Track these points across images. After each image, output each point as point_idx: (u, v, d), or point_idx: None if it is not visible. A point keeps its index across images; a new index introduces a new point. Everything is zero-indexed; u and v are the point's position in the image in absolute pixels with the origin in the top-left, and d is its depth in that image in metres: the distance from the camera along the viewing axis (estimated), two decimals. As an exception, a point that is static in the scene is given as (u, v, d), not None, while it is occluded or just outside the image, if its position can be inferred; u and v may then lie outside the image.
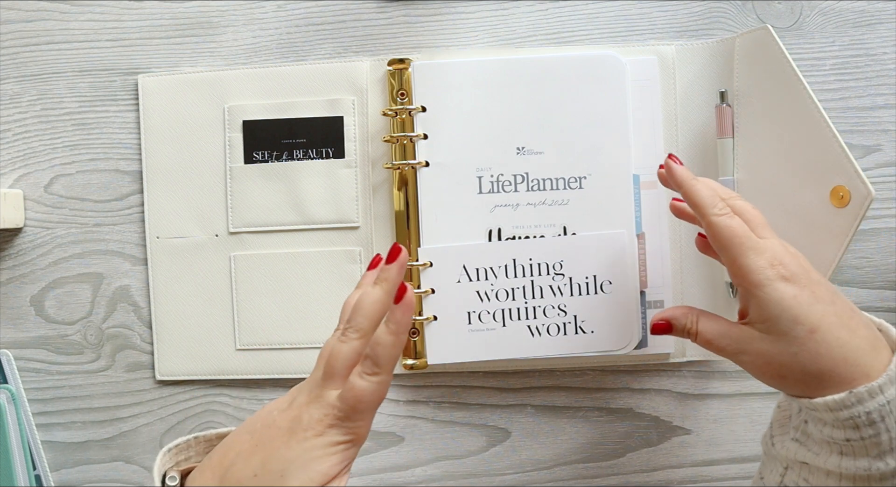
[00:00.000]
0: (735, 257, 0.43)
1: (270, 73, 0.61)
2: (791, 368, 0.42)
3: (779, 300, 0.42)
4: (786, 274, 0.42)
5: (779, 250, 0.43)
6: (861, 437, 0.40)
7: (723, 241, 0.44)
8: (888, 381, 0.40)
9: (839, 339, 0.41)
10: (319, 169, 0.61)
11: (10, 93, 0.63)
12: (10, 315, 0.63)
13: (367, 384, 0.40)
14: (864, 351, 0.41)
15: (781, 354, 0.42)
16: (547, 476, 0.62)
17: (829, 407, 0.40)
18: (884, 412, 0.40)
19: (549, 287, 0.58)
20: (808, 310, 0.41)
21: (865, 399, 0.40)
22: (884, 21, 0.60)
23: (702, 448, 0.62)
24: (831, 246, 0.50)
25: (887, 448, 0.40)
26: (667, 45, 0.60)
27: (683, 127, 0.60)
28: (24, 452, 0.59)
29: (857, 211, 0.48)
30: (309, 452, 0.40)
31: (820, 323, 0.41)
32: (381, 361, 0.41)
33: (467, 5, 0.62)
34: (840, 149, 0.49)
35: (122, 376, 0.62)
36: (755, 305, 0.43)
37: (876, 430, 0.40)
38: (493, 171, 0.58)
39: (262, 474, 0.40)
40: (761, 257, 0.43)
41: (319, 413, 0.41)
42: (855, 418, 0.40)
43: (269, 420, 0.42)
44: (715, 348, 0.45)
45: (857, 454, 0.41)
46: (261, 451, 0.41)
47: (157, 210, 0.62)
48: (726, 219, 0.44)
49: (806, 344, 0.41)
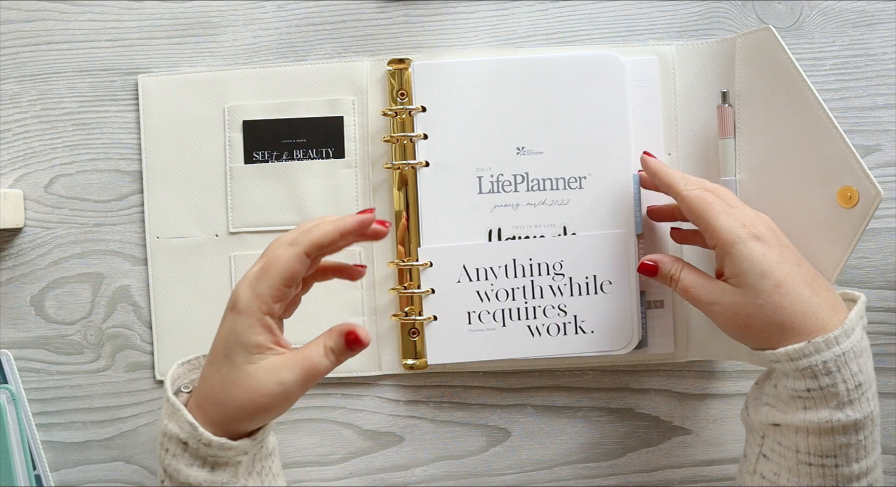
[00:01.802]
0: (709, 220, 0.48)
1: (270, 73, 0.61)
2: (756, 318, 0.46)
3: (749, 256, 0.46)
4: (756, 234, 0.47)
5: (749, 214, 0.48)
6: (819, 386, 0.44)
7: (697, 210, 0.49)
8: (843, 333, 0.44)
9: (801, 295, 0.45)
10: (319, 169, 0.61)
11: (10, 93, 0.63)
12: (10, 315, 0.63)
13: (280, 249, 0.44)
14: (824, 308, 0.45)
15: (749, 305, 0.46)
16: (547, 476, 0.62)
17: (790, 356, 0.44)
18: (839, 363, 0.44)
19: (549, 287, 0.58)
20: (775, 267, 0.46)
21: (822, 349, 0.44)
22: (884, 21, 0.60)
23: (702, 448, 0.62)
24: (838, 247, 0.50)
25: (845, 399, 0.44)
26: (667, 45, 0.60)
27: (683, 127, 0.60)
28: (24, 452, 0.59)
29: (866, 211, 0.48)
30: (234, 326, 0.44)
31: (785, 279, 0.46)
32: (308, 235, 0.44)
33: (467, 5, 0.62)
34: (847, 149, 0.49)
35: (122, 376, 0.62)
36: (729, 262, 0.47)
37: (833, 380, 0.44)
38: (493, 171, 0.58)
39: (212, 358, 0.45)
40: (733, 219, 0.47)
41: (237, 287, 0.44)
42: (813, 367, 0.44)
43: None
44: (691, 296, 0.50)
45: (818, 405, 0.44)
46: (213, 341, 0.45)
47: (157, 210, 0.62)
48: (698, 191, 0.49)
49: (771, 297, 0.45)
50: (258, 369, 0.43)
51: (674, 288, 0.51)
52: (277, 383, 0.43)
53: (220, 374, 0.44)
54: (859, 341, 0.45)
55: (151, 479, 0.62)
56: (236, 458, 0.44)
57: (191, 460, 0.43)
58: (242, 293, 0.44)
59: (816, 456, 0.45)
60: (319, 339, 0.45)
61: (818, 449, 0.45)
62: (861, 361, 0.44)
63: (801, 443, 0.45)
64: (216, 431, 0.43)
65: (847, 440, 0.44)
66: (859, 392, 0.44)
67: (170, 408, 0.44)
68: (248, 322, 0.43)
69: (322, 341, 0.45)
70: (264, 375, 0.43)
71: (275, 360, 0.44)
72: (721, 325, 0.49)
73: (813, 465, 0.45)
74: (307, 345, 0.45)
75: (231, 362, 0.43)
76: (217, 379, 0.44)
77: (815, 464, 0.45)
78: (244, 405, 0.43)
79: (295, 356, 0.44)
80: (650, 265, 0.52)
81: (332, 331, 0.45)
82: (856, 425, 0.44)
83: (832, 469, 0.44)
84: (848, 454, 0.44)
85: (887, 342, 0.61)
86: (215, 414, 0.44)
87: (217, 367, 0.44)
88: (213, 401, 0.44)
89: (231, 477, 0.44)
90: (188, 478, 0.43)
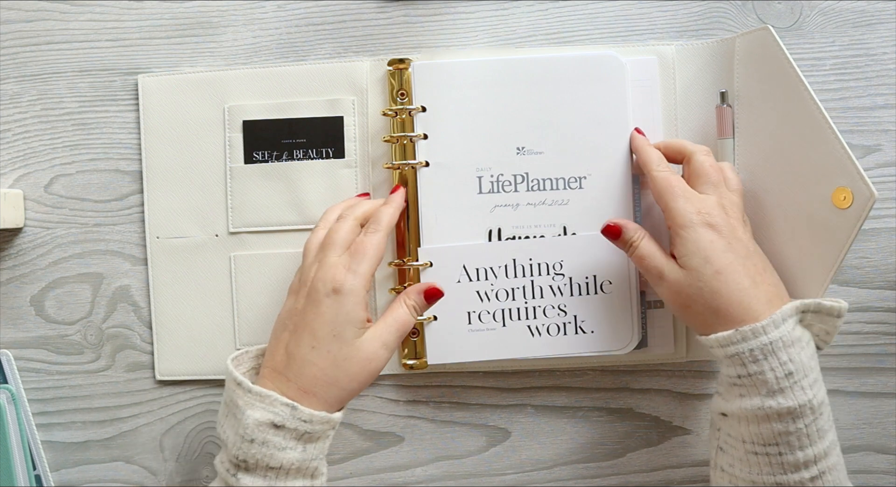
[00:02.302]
0: (668, 201, 0.51)
1: (270, 73, 0.61)
2: (695, 300, 0.49)
3: (696, 240, 0.49)
4: (710, 222, 0.49)
5: (710, 203, 0.50)
6: (749, 373, 0.46)
7: (660, 190, 0.52)
8: (771, 324, 0.46)
9: (739, 284, 0.48)
10: (319, 169, 0.61)
11: (10, 93, 0.63)
12: (10, 315, 0.63)
13: (369, 236, 0.52)
14: (760, 301, 0.48)
15: (690, 286, 0.49)
16: (547, 476, 0.62)
17: (720, 343, 0.47)
18: (766, 352, 0.46)
19: (548, 287, 0.58)
20: (719, 255, 0.48)
21: (749, 338, 0.46)
22: (884, 21, 0.60)
23: (702, 448, 0.62)
24: (833, 247, 0.50)
25: (775, 387, 0.45)
26: (667, 45, 0.60)
27: (683, 127, 0.60)
28: (24, 452, 0.60)
29: (860, 212, 0.48)
30: (342, 306, 0.49)
31: (726, 268, 0.48)
32: (381, 221, 0.53)
33: (467, 5, 0.62)
34: (842, 150, 0.49)
35: (122, 376, 0.62)
36: (679, 243, 0.50)
37: (760, 368, 0.46)
38: (493, 171, 0.58)
39: (318, 343, 0.49)
40: (690, 204, 0.50)
41: (330, 272, 0.50)
42: (740, 354, 0.46)
43: (291, 312, 0.51)
44: (644, 266, 0.52)
45: (750, 393, 0.46)
46: (303, 329, 0.50)
47: (157, 210, 0.62)
48: (666, 173, 0.52)
49: (710, 282, 0.48)
50: (364, 340, 0.50)
51: (630, 254, 0.53)
52: (382, 346, 0.51)
53: (331, 354, 0.49)
54: (790, 331, 0.46)
55: (151, 479, 0.62)
56: (329, 431, 0.49)
57: (284, 442, 0.47)
58: (343, 278, 0.50)
59: (760, 445, 0.46)
60: (397, 302, 0.54)
61: (759, 438, 0.46)
62: (792, 351, 0.46)
63: (744, 432, 0.47)
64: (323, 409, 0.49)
65: (785, 427, 0.45)
66: (791, 381, 0.45)
67: (254, 398, 0.48)
68: (355, 300, 0.50)
69: (401, 301, 0.54)
70: (370, 344, 0.50)
71: (373, 329, 0.51)
72: (666, 301, 0.52)
73: (759, 454, 0.46)
74: (389, 310, 0.53)
75: (342, 339, 0.49)
76: (328, 360, 0.49)
77: (760, 453, 0.46)
78: (357, 375, 0.49)
79: (387, 321, 0.52)
80: (614, 228, 0.54)
81: (408, 292, 0.55)
82: (791, 413, 0.45)
83: (776, 456, 0.46)
84: (790, 442, 0.45)
85: (887, 342, 0.61)
86: (327, 394, 0.49)
87: (326, 348, 0.49)
88: (324, 381, 0.49)
89: (320, 452, 0.49)
90: (280, 462, 0.47)
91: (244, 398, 0.48)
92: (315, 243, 0.54)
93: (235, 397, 0.48)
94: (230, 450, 0.47)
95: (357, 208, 0.55)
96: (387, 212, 0.54)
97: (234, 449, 0.47)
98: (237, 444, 0.47)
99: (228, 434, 0.48)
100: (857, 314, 0.61)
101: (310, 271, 0.52)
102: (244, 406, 0.47)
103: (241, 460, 0.47)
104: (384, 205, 0.55)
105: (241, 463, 0.47)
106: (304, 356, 0.49)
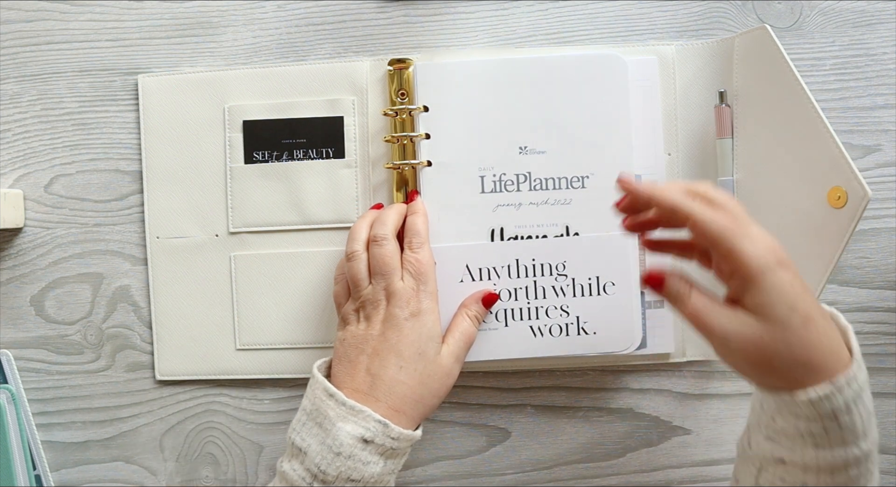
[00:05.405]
0: (731, 246, 0.41)
1: (270, 73, 0.61)
2: (782, 357, 0.40)
3: (779, 286, 0.40)
4: (781, 259, 0.41)
5: (768, 237, 0.42)
6: (840, 426, 0.40)
7: (714, 235, 0.42)
8: (858, 366, 0.41)
9: (825, 329, 0.41)
10: (319, 169, 0.61)
11: (10, 93, 0.62)
12: (10, 315, 0.62)
13: (419, 252, 0.54)
14: (838, 341, 0.42)
15: (775, 340, 0.40)
16: (547, 476, 0.62)
17: (812, 402, 0.40)
18: (857, 398, 0.40)
19: (551, 288, 0.58)
20: (802, 298, 0.41)
21: (844, 388, 0.40)
22: (884, 21, 0.60)
23: (702, 448, 0.62)
24: (829, 247, 0.50)
25: (861, 431, 0.41)
26: (667, 45, 0.60)
27: (683, 127, 0.60)
28: (24, 452, 0.59)
29: (854, 212, 0.48)
30: (423, 326, 0.52)
31: (811, 312, 0.41)
32: (421, 232, 0.55)
33: (467, 5, 0.62)
34: (837, 150, 0.49)
35: (122, 376, 0.62)
36: (756, 292, 0.41)
37: (851, 417, 0.40)
38: (496, 170, 0.58)
39: (405, 363, 0.51)
40: (756, 245, 0.41)
41: (403, 298, 0.52)
42: (836, 409, 0.40)
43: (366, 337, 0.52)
44: (702, 323, 0.43)
45: (832, 443, 0.41)
46: (387, 351, 0.51)
47: (157, 210, 0.62)
48: (710, 213, 0.42)
49: (799, 332, 0.40)
50: (442, 356, 0.52)
51: (679, 309, 0.44)
52: (456, 361, 0.53)
53: (418, 372, 0.51)
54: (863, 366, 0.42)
55: (151, 479, 0.62)
56: (408, 449, 0.51)
57: (370, 457, 0.48)
58: (419, 301, 0.52)
59: None
60: (460, 315, 0.56)
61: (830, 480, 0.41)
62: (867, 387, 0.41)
63: (809, 479, 0.42)
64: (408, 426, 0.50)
65: (859, 471, 0.41)
66: (871, 420, 0.41)
67: (347, 411, 0.48)
68: (434, 318, 0.52)
69: (463, 313, 0.56)
70: (447, 359, 0.53)
71: (446, 346, 0.53)
72: (732, 360, 0.43)
73: None
74: (454, 324, 0.55)
75: (426, 357, 0.51)
76: (416, 379, 0.51)
77: None
78: (438, 391, 0.52)
79: (454, 335, 0.54)
80: (658, 278, 0.45)
81: (467, 302, 0.56)
82: (868, 454, 0.41)
83: None
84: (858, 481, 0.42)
85: (887, 342, 0.61)
86: (414, 411, 0.50)
87: (413, 367, 0.51)
88: (413, 399, 0.50)
89: (396, 467, 0.50)
90: (362, 475, 0.48)
91: (336, 410, 0.48)
92: (363, 270, 0.54)
93: (326, 408, 0.49)
94: (311, 459, 0.47)
95: (386, 225, 0.55)
96: (421, 222, 0.56)
97: (317, 458, 0.47)
98: (322, 453, 0.47)
99: (310, 443, 0.48)
100: (857, 313, 0.61)
101: (376, 298, 0.52)
102: (335, 418, 0.48)
103: (322, 470, 0.47)
104: (413, 215, 0.56)
105: (321, 474, 0.47)
106: (392, 376, 0.50)
